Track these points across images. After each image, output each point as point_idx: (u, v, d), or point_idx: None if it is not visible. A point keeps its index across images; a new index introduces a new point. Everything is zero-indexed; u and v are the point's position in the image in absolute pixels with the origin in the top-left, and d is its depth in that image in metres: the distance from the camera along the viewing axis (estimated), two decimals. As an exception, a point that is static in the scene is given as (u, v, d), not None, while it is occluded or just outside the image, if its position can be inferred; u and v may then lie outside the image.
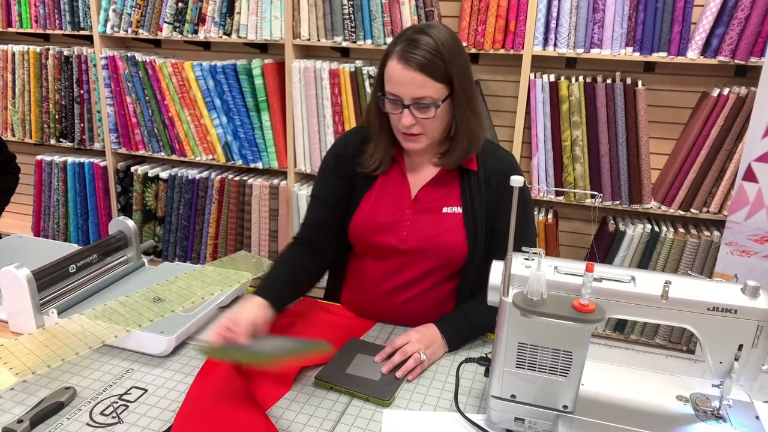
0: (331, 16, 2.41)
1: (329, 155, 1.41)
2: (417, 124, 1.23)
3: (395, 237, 1.33)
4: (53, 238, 3.12)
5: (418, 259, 1.34)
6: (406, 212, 1.33)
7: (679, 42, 2.10)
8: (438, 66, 1.17)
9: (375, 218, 1.34)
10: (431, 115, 1.21)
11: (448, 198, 1.33)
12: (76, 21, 2.81)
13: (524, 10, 2.20)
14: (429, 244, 1.32)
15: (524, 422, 1.00)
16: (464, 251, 1.32)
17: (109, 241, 1.53)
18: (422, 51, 1.16)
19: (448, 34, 1.21)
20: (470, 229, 1.32)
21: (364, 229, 1.36)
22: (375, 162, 1.33)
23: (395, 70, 1.19)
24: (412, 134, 1.25)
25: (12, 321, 1.31)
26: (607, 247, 2.35)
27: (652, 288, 0.93)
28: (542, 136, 2.30)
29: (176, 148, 2.79)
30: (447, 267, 1.35)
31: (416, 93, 1.19)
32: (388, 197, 1.35)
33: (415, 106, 1.20)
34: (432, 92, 1.19)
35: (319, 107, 2.52)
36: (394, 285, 1.36)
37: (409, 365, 1.16)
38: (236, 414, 1.02)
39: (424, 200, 1.33)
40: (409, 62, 1.17)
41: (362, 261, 1.41)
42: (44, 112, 3.00)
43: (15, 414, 1.03)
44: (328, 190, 1.39)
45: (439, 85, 1.19)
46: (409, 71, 1.17)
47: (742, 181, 2.01)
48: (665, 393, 1.03)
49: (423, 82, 1.18)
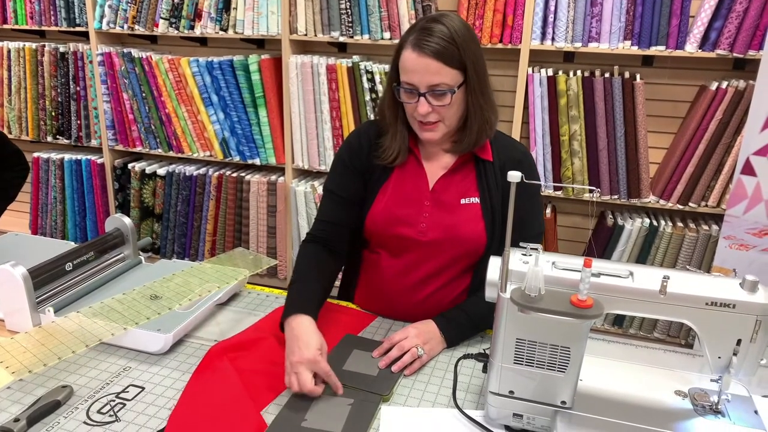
0: (328, 11, 2.40)
1: (343, 150, 1.40)
2: (433, 112, 1.23)
3: (414, 229, 1.33)
4: (51, 235, 3.12)
5: (436, 251, 1.34)
6: (425, 203, 1.33)
7: (677, 35, 2.10)
8: (452, 52, 1.19)
9: (393, 210, 1.34)
10: (447, 102, 1.22)
11: (466, 188, 1.34)
12: (72, 17, 2.80)
13: (522, 4, 2.19)
14: (448, 235, 1.32)
15: (522, 418, 1.00)
16: (483, 241, 1.32)
17: (106, 239, 1.53)
18: (436, 38, 1.18)
19: (461, 22, 1.23)
20: (488, 219, 1.32)
21: (381, 222, 1.35)
22: (393, 153, 1.32)
23: (410, 58, 1.20)
24: (429, 123, 1.26)
25: (8, 319, 1.30)
26: (606, 242, 2.35)
27: (650, 283, 0.92)
28: (540, 131, 2.29)
29: (173, 144, 2.78)
30: (465, 258, 1.34)
31: (432, 80, 1.20)
32: (405, 189, 1.35)
33: (431, 94, 1.21)
34: (447, 79, 1.20)
35: (317, 103, 2.51)
36: (413, 280, 1.36)
37: (405, 360, 1.16)
38: (231, 413, 1.02)
39: (441, 191, 1.34)
40: (423, 50, 1.18)
41: (378, 256, 1.40)
42: (41, 109, 2.99)
43: (12, 413, 1.02)
44: (343, 185, 1.38)
45: (453, 71, 1.20)
46: (424, 58, 1.18)
47: (740, 175, 2.00)
48: (664, 388, 1.03)
49: (438, 69, 1.19)
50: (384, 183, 1.36)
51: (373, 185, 1.36)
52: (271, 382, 1.12)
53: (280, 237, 2.74)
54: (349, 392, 1.10)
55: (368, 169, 1.36)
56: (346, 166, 1.38)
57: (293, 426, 1.00)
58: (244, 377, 1.11)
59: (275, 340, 1.23)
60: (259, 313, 1.40)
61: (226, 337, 1.26)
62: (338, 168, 1.39)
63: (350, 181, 1.37)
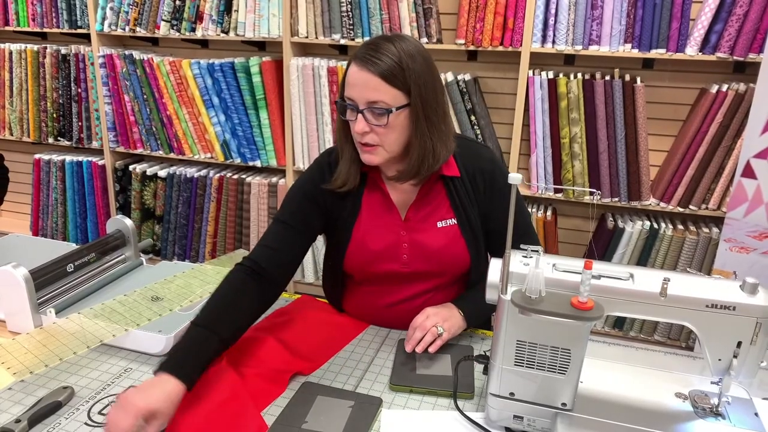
0: (329, 14, 2.41)
1: (303, 180, 1.33)
2: (372, 132, 1.18)
3: (396, 263, 1.31)
4: (52, 237, 3.12)
5: (421, 277, 1.33)
6: (401, 234, 1.30)
7: (677, 38, 2.10)
8: (395, 71, 1.14)
9: (370, 247, 1.30)
10: (384, 122, 1.16)
11: (440, 211, 1.31)
12: (74, 19, 2.81)
13: (522, 7, 2.19)
14: (431, 261, 1.31)
15: (523, 420, 1.00)
16: (467, 260, 1.32)
17: (107, 240, 1.53)
18: (380, 55, 1.14)
19: (416, 46, 1.18)
20: (468, 237, 1.31)
21: (361, 260, 1.32)
22: (340, 178, 1.27)
23: (352, 72, 1.17)
24: (369, 145, 1.20)
25: (9, 320, 1.30)
26: (607, 244, 2.35)
27: (650, 285, 0.92)
28: (541, 133, 2.30)
29: (174, 146, 2.79)
30: (450, 276, 1.35)
31: (370, 96, 1.15)
32: (378, 223, 1.31)
33: (369, 111, 1.16)
34: (386, 97, 1.15)
35: (318, 105, 2.51)
36: (398, 299, 1.36)
37: (427, 340, 1.16)
38: (232, 414, 1.02)
39: (414, 219, 1.30)
40: (366, 64, 1.15)
41: (361, 285, 1.39)
42: (42, 110, 3.00)
43: (13, 414, 1.02)
44: (297, 213, 1.30)
45: (395, 91, 1.15)
46: (365, 73, 1.15)
47: (740, 178, 2.01)
48: (664, 390, 1.03)
49: (377, 85, 1.14)
50: (355, 221, 1.31)
51: (343, 225, 1.32)
52: (271, 383, 1.12)
53: (280, 239, 2.74)
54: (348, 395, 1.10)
55: (333, 206, 1.31)
56: (303, 195, 1.31)
57: (294, 428, 1.00)
58: (244, 378, 1.11)
59: (275, 341, 1.23)
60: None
61: (226, 339, 1.26)
62: (296, 197, 1.32)
63: (306, 210, 1.30)
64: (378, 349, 1.28)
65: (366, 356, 1.25)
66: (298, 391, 1.10)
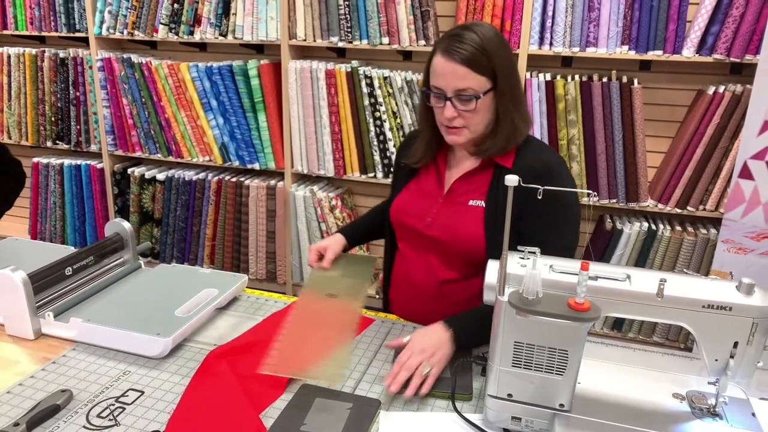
0: (327, 17, 2.41)
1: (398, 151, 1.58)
2: (459, 117, 1.27)
3: (421, 222, 1.39)
4: (50, 240, 3.12)
5: (440, 247, 1.37)
6: (438, 200, 1.39)
7: (674, 40, 2.11)
8: (480, 59, 1.22)
9: (408, 203, 1.44)
10: (472, 107, 1.25)
11: (476, 192, 1.35)
12: (72, 23, 2.81)
13: (519, 9, 2.20)
14: (448, 233, 1.34)
15: (521, 421, 1.00)
16: (481, 245, 1.30)
17: (105, 244, 1.53)
18: (465, 45, 1.22)
19: (493, 31, 1.27)
20: (490, 224, 1.31)
21: (397, 212, 1.46)
22: (417, 155, 1.42)
23: (439, 63, 1.25)
24: (455, 127, 1.29)
25: (8, 324, 1.30)
26: (605, 246, 2.36)
27: (647, 286, 0.93)
28: (539, 135, 2.30)
29: (173, 149, 2.79)
30: (466, 258, 1.34)
31: (458, 85, 1.23)
32: (424, 188, 1.43)
33: (457, 98, 1.25)
34: (474, 84, 1.23)
35: (316, 108, 2.52)
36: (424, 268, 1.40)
37: (415, 383, 1.11)
38: (230, 416, 1.03)
39: (455, 192, 1.38)
40: (452, 55, 1.22)
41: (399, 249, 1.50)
42: (40, 114, 3.00)
43: (11, 417, 1.02)
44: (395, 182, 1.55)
45: (481, 77, 1.24)
46: (452, 64, 1.23)
47: (738, 179, 2.01)
48: (661, 391, 1.03)
49: (465, 74, 1.23)
50: (409, 181, 1.46)
51: (401, 181, 1.48)
52: (270, 385, 1.12)
53: (279, 242, 2.75)
54: (347, 396, 1.10)
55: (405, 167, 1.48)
56: (395, 167, 1.57)
57: (292, 430, 1.00)
58: (243, 381, 1.11)
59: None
60: (258, 317, 1.40)
61: (225, 341, 1.26)
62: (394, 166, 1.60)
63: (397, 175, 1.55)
64: (376, 351, 1.28)
65: (364, 358, 1.25)
66: (296, 393, 1.11)
